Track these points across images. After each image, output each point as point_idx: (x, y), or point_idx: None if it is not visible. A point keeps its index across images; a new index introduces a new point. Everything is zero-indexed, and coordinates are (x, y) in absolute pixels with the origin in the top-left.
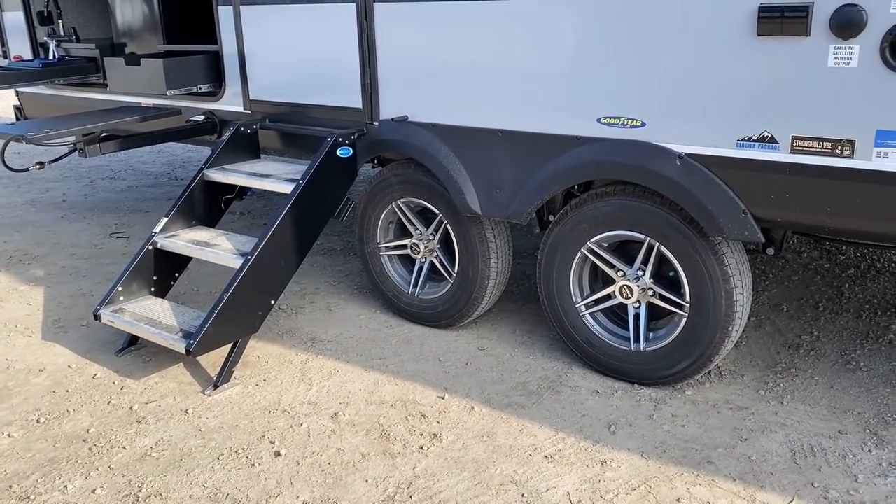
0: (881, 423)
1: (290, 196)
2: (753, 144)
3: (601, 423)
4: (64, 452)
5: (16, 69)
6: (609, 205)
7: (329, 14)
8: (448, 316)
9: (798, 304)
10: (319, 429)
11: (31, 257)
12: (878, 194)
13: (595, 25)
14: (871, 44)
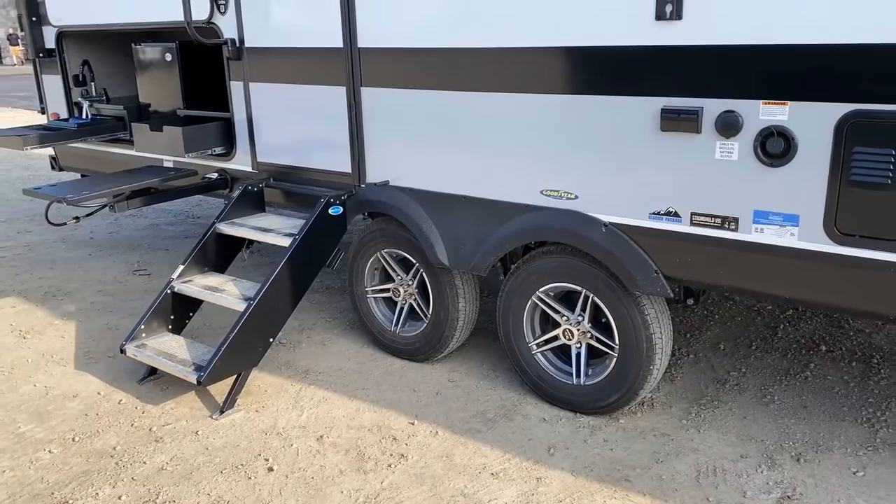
0: (778, 449)
1: (288, 249)
2: (661, 217)
3: (543, 446)
4: (95, 466)
5: (55, 129)
6: (553, 261)
7: (324, 93)
8: (424, 351)
9: (734, 343)
10: (307, 448)
11: (63, 293)
12: (756, 261)
13: (539, 118)
14: (747, 142)
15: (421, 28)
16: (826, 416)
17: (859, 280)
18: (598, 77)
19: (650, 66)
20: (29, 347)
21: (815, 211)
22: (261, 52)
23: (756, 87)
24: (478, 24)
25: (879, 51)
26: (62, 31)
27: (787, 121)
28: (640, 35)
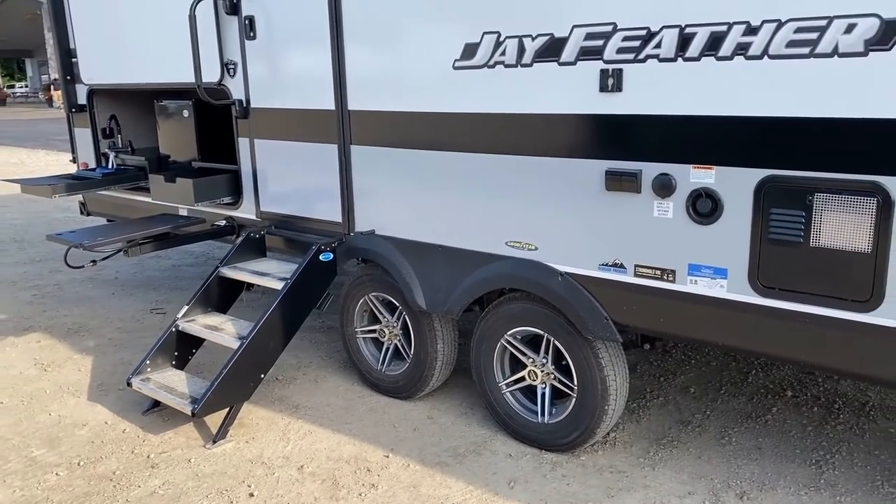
0: (724, 488)
1: (280, 292)
2: (609, 268)
3: (505, 480)
4: (95, 488)
5: (82, 178)
6: (518, 307)
7: (319, 150)
8: (407, 389)
9: (704, 387)
10: (287, 477)
11: (85, 329)
12: (691, 311)
13: (504, 176)
14: (680, 201)
15: (402, 94)
16: (778, 457)
17: (781, 329)
18: (553, 141)
19: (596, 133)
20: (48, 380)
21: (740, 265)
22: (265, 112)
23: (686, 152)
24: (451, 92)
25: (790, 123)
26: (93, 88)
27: (714, 183)
28: (586, 104)
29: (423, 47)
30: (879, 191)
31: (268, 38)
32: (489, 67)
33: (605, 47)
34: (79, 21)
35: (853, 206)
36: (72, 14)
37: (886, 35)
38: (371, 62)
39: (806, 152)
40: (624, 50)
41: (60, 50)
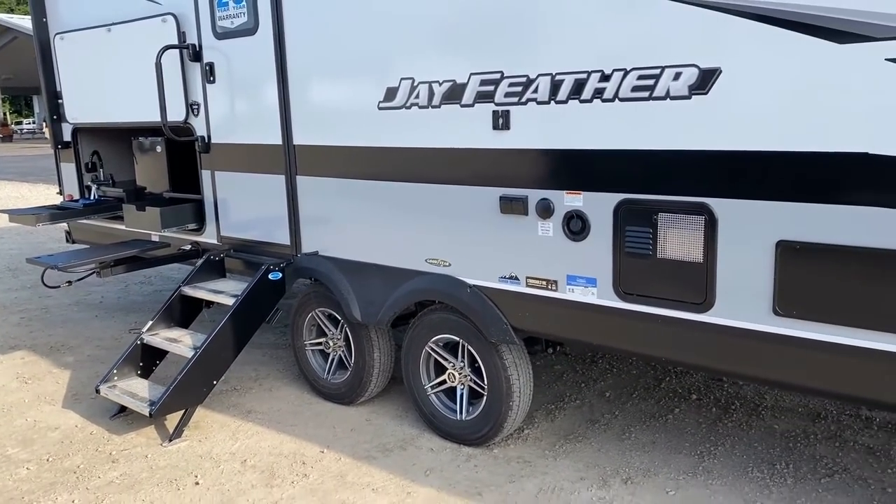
0: (613, 474)
1: (231, 308)
2: (507, 280)
3: (422, 470)
4: (60, 479)
5: (64, 208)
6: (437, 317)
7: (270, 181)
8: (349, 395)
9: (619, 392)
10: (231, 469)
11: (66, 347)
12: (571, 315)
13: (422, 201)
14: (558, 222)
15: (337, 131)
16: (668, 450)
17: (640, 329)
18: (458, 171)
19: (491, 164)
20: (28, 391)
21: (606, 275)
22: (223, 146)
23: (560, 180)
24: (376, 129)
25: (637, 154)
26: (77, 127)
27: (583, 206)
28: (483, 140)
29: (354, 90)
30: (706, 210)
31: (225, 82)
32: (406, 108)
33: (496, 92)
34: (64, 66)
35: (687, 223)
36: (58, 60)
37: (704, 81)
38: (311, 102)
39: (650, 178)
40: (510, 94)
41: (48, 92)
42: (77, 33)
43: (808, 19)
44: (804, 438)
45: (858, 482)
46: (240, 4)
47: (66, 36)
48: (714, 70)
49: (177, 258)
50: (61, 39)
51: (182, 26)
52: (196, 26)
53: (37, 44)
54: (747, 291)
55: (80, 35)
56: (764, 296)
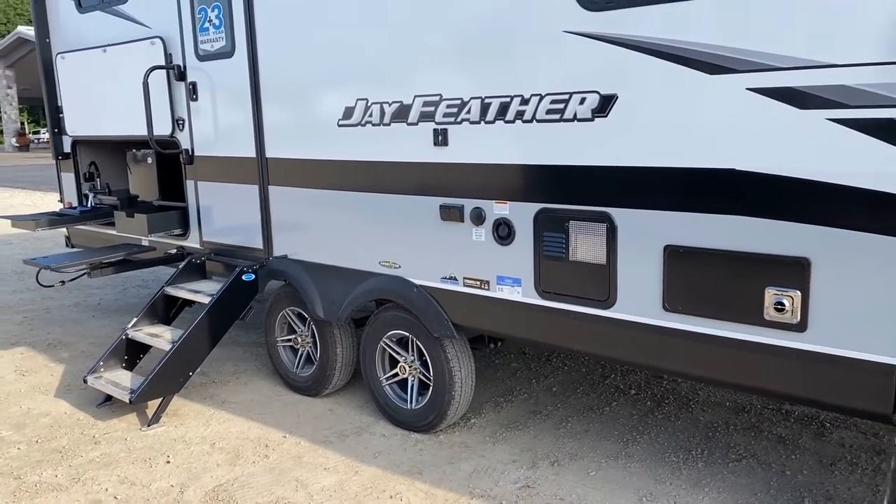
0: (543, 457)
1: (206, 307)
2: (447, 280)
3: (371, 452)
4: (47, 458)
5: (63, 215)
6: (390, 314)
7: (245, 190)
8: (315, 388)
9: (565, 387)
10: (200, 451)
11: (63, 344)
12: (501, 311)
13: (376, 209)
14: (489, 228)
15: (303, 145)
16: (598, 437)
17: (557, 324)
18: (405, 182)
19: (432, 176)
20: (24, 382)
21: (529, 275)
22: (205, 158)
23: (490, 191)
24: (336, 144)
25: (551, 168)
26: (76, 139)
27: (509, 214)
28: (425, 155)
29: (317, 109)
30: (607, 218)
31: (207, 99)
32: (361, 126)
33: (436, 112)
34: (64, 83)
35: (592, 230)
36: (59, 77)
37: (604, 106)
38: (281, 119)
39: (562, 190)
40: (447, 115)
41: (50, 106)
42: (76, 53)
43: (685, 53)
44: (724, 429)
45: (763, 466)
46: (219, 30)
47: (66, 56)
48: (612, 96)
49: (163, 261)
50: (62, 59)
51: (169, 48)
52: (181, 49)
53: (40, 62)
54: (642, 290)
55: (79, 55)
56: (655, 294)
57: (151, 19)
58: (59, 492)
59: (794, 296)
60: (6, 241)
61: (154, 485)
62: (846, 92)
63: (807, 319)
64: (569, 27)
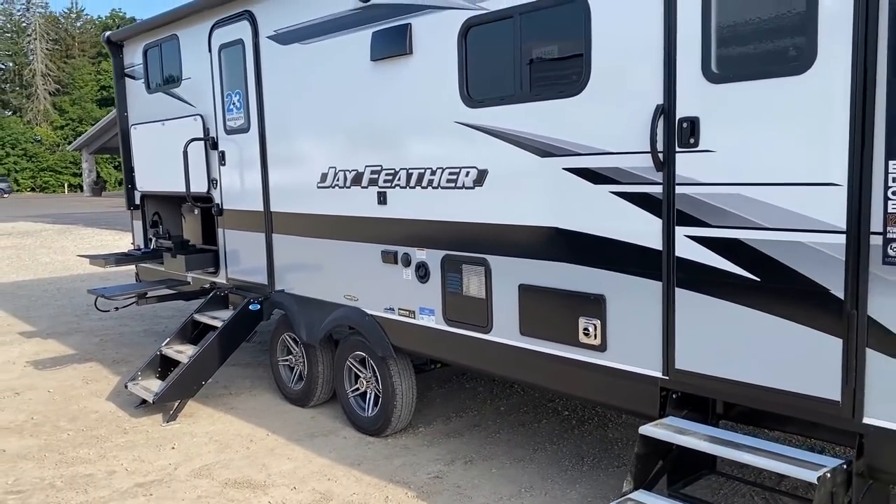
0: (461, 457)
1: (218, 330)
2: (389, 311)
3: (329, 449)
4: (88, 441)
5: (128, 255)
6: (353, 338)
7: (256, 237)
8: (303, 399)
9: (511, 408)
10: (200, 442)
11: (125, 362)
12: (424, 336)
13: (340, 253)
14: (413, 270)
15: (296, 202)
16: (514, 444)
17: (459, 345)
18: (359, 232)
19: (377, 228)
20: (86, 389)
21: (439, 307)
22: (230, 211)
23: (414, 240)
24: (316, 201)
25: (450, 225)
26: (143, 193)
27: (426, 258)
28: (372, 211)
29: (304, 174)
30: (485, 263)
31: (232, 164)
32: (331, 188)
33: (379, 179)
34: (136, 148)
35: (477, 272)
36: (132, 143)
37: (480, 177)
38: (281, 181)
39: (457, 240)
40: (386, 181)
41: (125, 167)
42: (145, 125)
43: (526, 141)
44: (624, 444)
45: None
46: (240, 111)
47: (138, 126)
48: (485, 170)
49: (199, 294)
50: (135, 129)
51: (206, 124)
52: (215, 124)
53: (119, 131)
54: (507, 318)
55: (147, 126)
56: (515, 321)
57: (196, 100)
58: (88, 464)
59: (596, 323)
60: (104, 277)
61: (157, 462)
62: (619, 172)
63: (606, 342)
64: (458, 119)
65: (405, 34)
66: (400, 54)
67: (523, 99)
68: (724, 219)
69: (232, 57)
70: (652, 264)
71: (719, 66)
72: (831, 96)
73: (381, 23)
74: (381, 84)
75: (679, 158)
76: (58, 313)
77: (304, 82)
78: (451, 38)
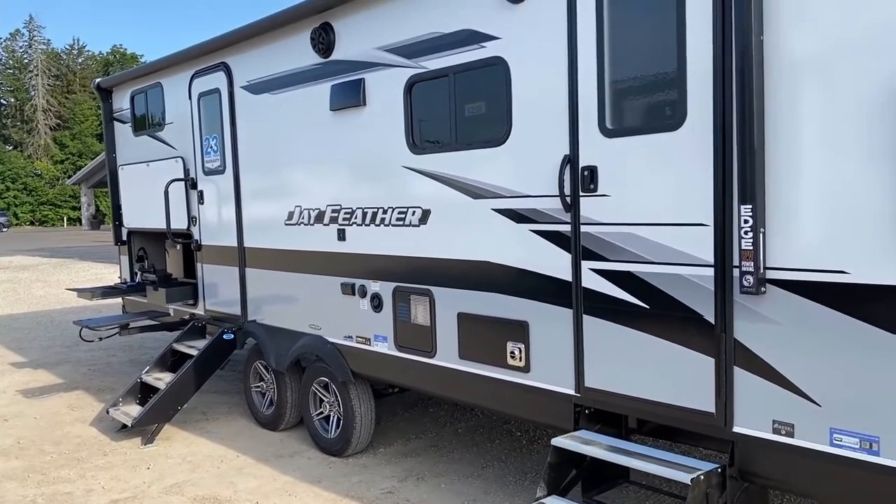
0: (415, 475)
1: (193, 359)
2: (347, 339)
3: (294, 468)
4: (69, 462)
5: (114, 288)
6: (317, 365)
7: (231, 271)
8: (273, 423)
9: (470, 430)
10: (174, 462)
11: (111, 390)
12: (378, 361)
13: (303, 285)
14: (368, 300)
15: (265, 238)
16: (465, 463)
17: (409, 369)
18: (322, 266)
19: (337, 262)
20: (72, 415)
21: (391, 335)
22: (208, 247)
23: (369, 273)
24: (283, 238)
25: (398, 259)
26: (130, 230)
27: (380, 290)
28: (333, 247)
29: (273, 212)
30: (430, 294)
31: (210, 203)
32: (297, 225)
33: (339, 217)
34: (123, 187)
35: (422, 302)
36: (120, 183)
37: (424, 216)
38: (253, 218)
39: (406, 273)
40: (345, 219)
41: (113, 205)
42: (131, 165)
43: (460, 184)
44: None
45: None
46: (217, 153)
47: (125, 167)
48: (429, 210)
49: (180, 325)
50: (122, 169)
51: (187, 165)
52: (194, 166)
53: (108, 171)
54: (449, 344)
55: (133, 167)
56: (455, 346)
57: (177, 143)
58: (68, 483)
59: (521, 347)
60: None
61: (132, 481)
62: (537, 213)
63: (529, 363)
64: (405, 164)
65: (359, 88)
66: (355, 105)
67: (458, 147)
68: (619, 254)
69: (210, 104)
70: (564, 294)
71: (612, 122)
72: (699, 150)
73: (339, 77)
74: (340, 131)
75: (583, 201)
76: (49, 344)
77: (273, 128)
78: (398, 92)
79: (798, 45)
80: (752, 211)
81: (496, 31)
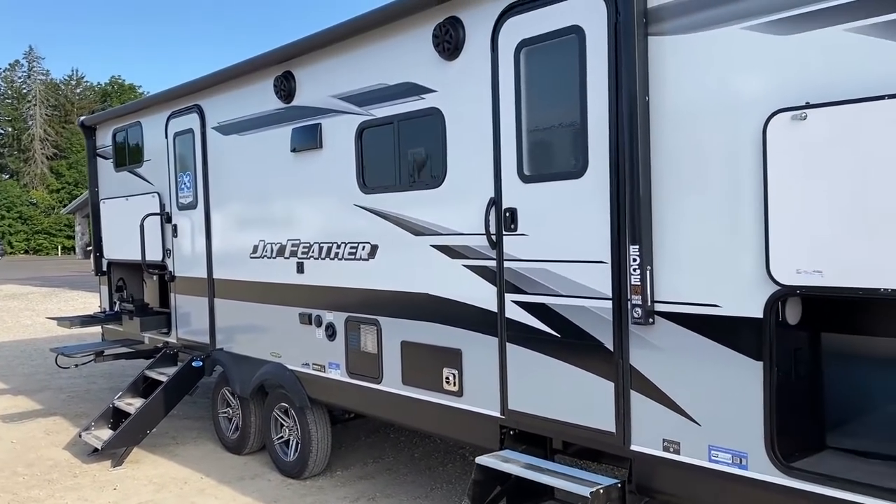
0: (369, 495)
1: (163, 385)
2: (305, 366)
3: (254, 489)
4: (41, 483)
5: (93, 317)
6: (278, 391)
7: (201, 301)
8: (239, 448)
9: (426, 455)
10: (139, 484)
11: (86, 416)
12: (330, 387)
13: (265, 314)
14: (323, 329)
15: (231, 270)
16: (416, 485)
17: (360, 395)
18: (282, 297)
19: (296, 293)
20: (47, 440)
21: (343, 362)
22: (181, 278)
23: (325, 304)
24: (248, 270)
25: (352, 290)
26: (110, 261)
27: (333, 319)
28: (292, 279)
29: (240, 245)
30: (377, 323)
31: (183, 236)
32: (261, 258)
33: (298, 251)
34: (104, 220)
35: (371, 331)
36: (101, 216)
37: (373, 251)
38: (222, 251)
39: (357, 304)
40: (303, 253)
41: (95, 236)
42: (112, 200)
43: (403, 221)
44: None
45: None
46: (190, 189)
47: (106, 201)
48: (377, 245)
49: (152, 352)
50: (104, 203)
51: (162, 200)
52: (169, 201)
53: (91, 205)
54: (394, 370)
55: (113, 201)
56: (398, 373)
57: (154, 179)
58: (38, 502)
59: (455, 373)
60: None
61: (98, 501)
62: (468, 249)
63: (462, 388)
64: (356, 202)
65: (317, 132)
66: (313, 147)
67: (402, 188)
68: (535, 287)
69: (184, 143)
70: (491, 323)
71: (529, 169)
72: (599, 195)
73: (299, 121)
74: (299, 171)
75: (506, 239)
76: (32, 372)
77: (240, 167)
78: (350, 137)
79: (676, 104)
80: (639, 250)
81: (433, 85)
